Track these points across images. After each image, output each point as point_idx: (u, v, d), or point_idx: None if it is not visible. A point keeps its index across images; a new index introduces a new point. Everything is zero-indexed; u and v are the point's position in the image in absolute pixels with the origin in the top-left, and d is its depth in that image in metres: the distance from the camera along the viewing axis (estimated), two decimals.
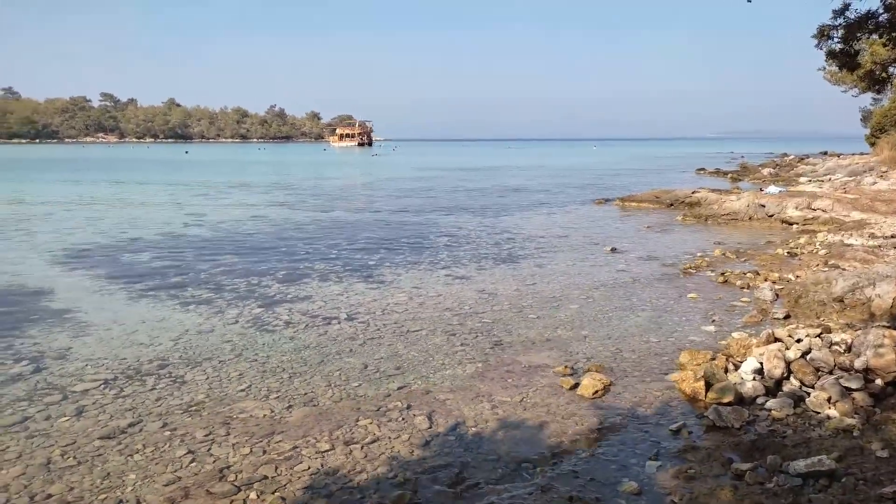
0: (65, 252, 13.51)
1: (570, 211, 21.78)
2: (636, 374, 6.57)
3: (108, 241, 15.11)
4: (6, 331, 7.96)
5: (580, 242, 14.93)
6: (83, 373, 6.56)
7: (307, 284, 10.58)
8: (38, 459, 4.82)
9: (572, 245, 14.57)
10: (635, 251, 13.69)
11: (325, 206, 23.70)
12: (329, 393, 6.11)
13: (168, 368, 6.71)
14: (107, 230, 16.88)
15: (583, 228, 17.36)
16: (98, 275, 11.29)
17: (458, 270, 11.75)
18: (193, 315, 8.75)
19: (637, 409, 5.74)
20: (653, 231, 16.69)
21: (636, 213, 20.76)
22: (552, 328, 8.17)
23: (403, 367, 6.80)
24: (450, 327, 8.20)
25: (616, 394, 6.07)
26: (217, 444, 5.10)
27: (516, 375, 6.56)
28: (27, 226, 17.71)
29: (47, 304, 9.26)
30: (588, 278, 11.07)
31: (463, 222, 18.67)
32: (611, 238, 15.48)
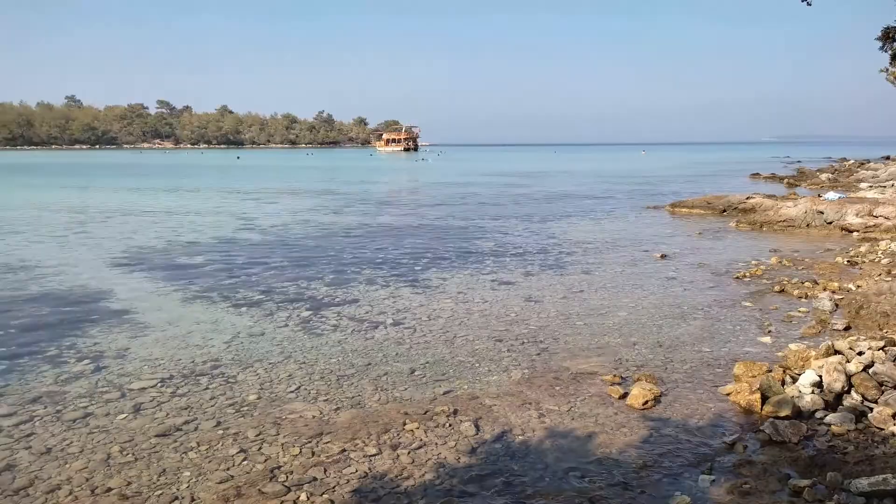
0: (124, 254, 14.03)
1: (618, 217, 21.46)
2: (688, 385, 6.42)
3: (164, 244, 15.62)
4: (69, 330, 8.31)
5: (629, 249, 14.70)
6: (141, 372, 6.79)
7: (354, 288, 10.72)
8: (99, 454, 5.01)
9: (620, 251, 14.36)
10: (686, 258, 13.40)
11: (372, 210, 23.96)
12: (376, 396, 6.17)
13: (221, 369, 6.89)
14: (163, 234, 17.46)
15: (631, 235, 17.09)
16: (155, 277, 11.68)
17: (503, 276, 11.72)
18: (245, 317, 8.96)
19: (689, 420, 5.62)
20: (705, 238, 16.31)
21: (687, 220, 20.32)
22: (600, 335, 8.07)
23: (449, 372, 6.81)
24: (496, 333, 8.19)
25: (667, 404, 5.95)
26: (268, 443, 5.21)
27: (564, 383, 6.49)
28: (89, 229, 18.46)
29: (107, 305, 9.63)
30: (637, 285, 10.88)
31: (509, 228, 18.62)
32: (660, 244, 15.20)
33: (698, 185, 37.25)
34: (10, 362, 7.06)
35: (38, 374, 6.72)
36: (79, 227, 18.93)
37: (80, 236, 16.90)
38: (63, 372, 6.77)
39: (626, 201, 27.07)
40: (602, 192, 32.17)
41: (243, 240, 16.35)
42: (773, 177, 40.97)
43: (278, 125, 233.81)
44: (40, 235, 17.00)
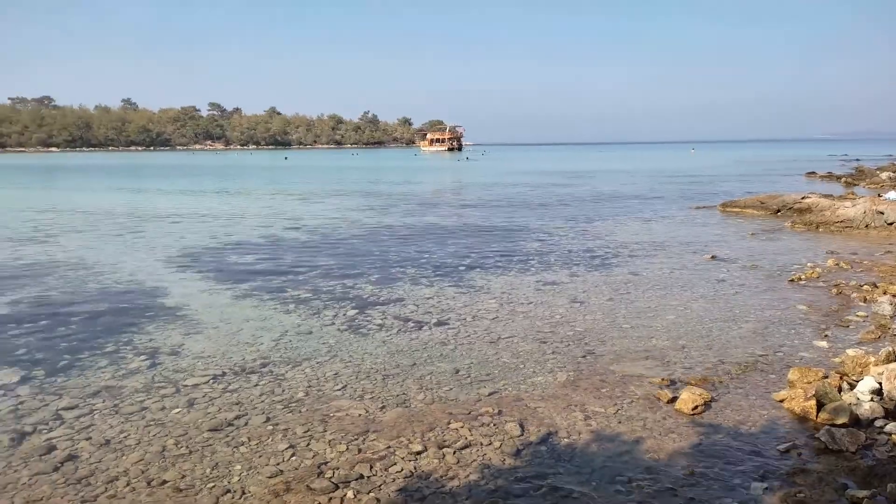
0: (177, 254, 14.47)
1: (666, 217, 21.06)
2: (740, 390, 6.27)
3: (215, 243, 16.05)
4: (126, 326, 8.63)
5: (677, 250, 14.42)
6: (194, 368, 7.01)
7: (399, 288, 10.81)
8: (154, 447, 5.19)
9: (669, 252, 14.09)
10: (738, 259, 13.07)
11: (416, 210, 24.11)
12: (421, 396, 6.22)
13: (270, 367, 7.05)
14: (215, 233, 17.94)
15: (680, 235, 16.75)
16: (207, 275, 12.02)
17: (548, 277, 11.64)
18: (293, 316, 9.14)
19: (741, 426, 5.49)
20: (758, 238, 15.86)
21: (739, 220, 19.80)
22: (648, 338, 7.94)
23: (494, 373, 6.82)
24: (541, 335, 8.15)
25: (718, 409, 5.82)
26: (315, 440, 5.31)
27: (610, 386, 6.42)
28: (144, 229, 19.11)
29: (162, 302, 9.96)
30: (686, 287, 10.67)
31: (554, 228, 18.48)
32: (711, 245, 14.85)
33: (750, 183, 36.26)
34: (71, 357, 7.38)
35: (97, 368, 7.00)
36: (135, 227, 19.61)
37: (135, 236, 17.51)
38: (121, 367, 7.04)
39: (675, 201, 26.54)
40: (650, 192, 31.62)
41: (291, 239, 16.67)
42: (830, 175, 39.56)
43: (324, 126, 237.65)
44: (99, 235, 17.69)
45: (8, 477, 4.74)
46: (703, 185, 36.52)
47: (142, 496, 4.49)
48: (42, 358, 7.33)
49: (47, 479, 4.71)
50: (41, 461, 4.97)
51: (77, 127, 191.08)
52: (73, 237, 17.18)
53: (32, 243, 16.03)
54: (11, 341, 7.95)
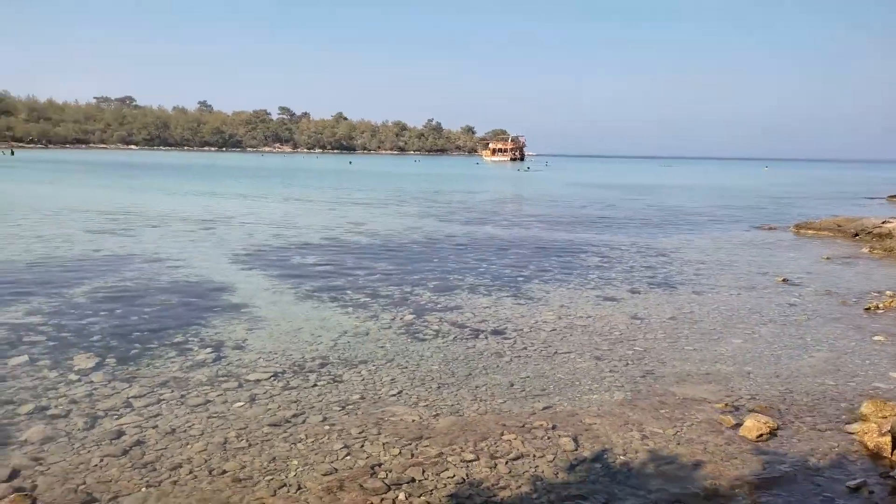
0: (244, 251, 14.98)
1: (735, 236, 20.40)
2: (808, 420, 6.02)
3: (280, 243, 16.53)
4: (194, 319, 8.99)
5: (746, 270, 13.95)
6: (256, 364, 7.24)
7: (457, 296, 10.87)
8: (217, 438, 5.39)
9: (737, 273, 13.65)
10: (811, 284, 12.53)
11: (476, 219, 24.17)
12: (475, 406, 6.23)
13: (328, 367, 7.21)
14: (280, 233, 18.48)
15: (749, 255, 16.20)
16: (271, 274, 12.40)
17: (608, 292, 11.47)
18: (351, 318, 9.32)
19: (808, 458, 5.26)
20: (833, 263, 15.18)
21: (813, 242, 18.99)
22: (711, 362, 7.72)
23: (549, 388, 6.77)
24: (598, 351, 8.04)
25: (784, 439, 5.61)
26: (370, 441, 5.40)
27: (669, 408, 6.28)
28: (215, 227, 19.86)
29: (228, 298, 10.32)
30: (754, 310, 10.31)
31: (616, 242, 18.18)
32: (782, 268, 14.30)
33: (827, 205, 34.73)
34: (142, 346, 7.75)
35: (165, 359, 7.32)
36: (206, 224, 20.40)
37: (207, 233, 18.22)
38: (188, 359, 7.34)
39: (745, 219, 25.68)
40: (719, 209, 30.70)
41: (352, 243, 16.99)
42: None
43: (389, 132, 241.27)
44: (173, 231, 18.49)
45: (81, 457, 5.02)
46: (776, 203, 35.21)
47: (203, 484, 4.67)
48: (115, 346, 7.72)
49: (116, 463, 4.96)
50: (111, 445, 5.24)
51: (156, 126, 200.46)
52: (150, 232, 18.02)
53: (111, 236, 16.90)
54: (88, 328, 8.41)
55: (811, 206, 34.31)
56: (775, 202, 36.84)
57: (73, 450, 5.13)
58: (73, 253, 14.09)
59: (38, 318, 8.83)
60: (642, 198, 38.67)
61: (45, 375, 6.69)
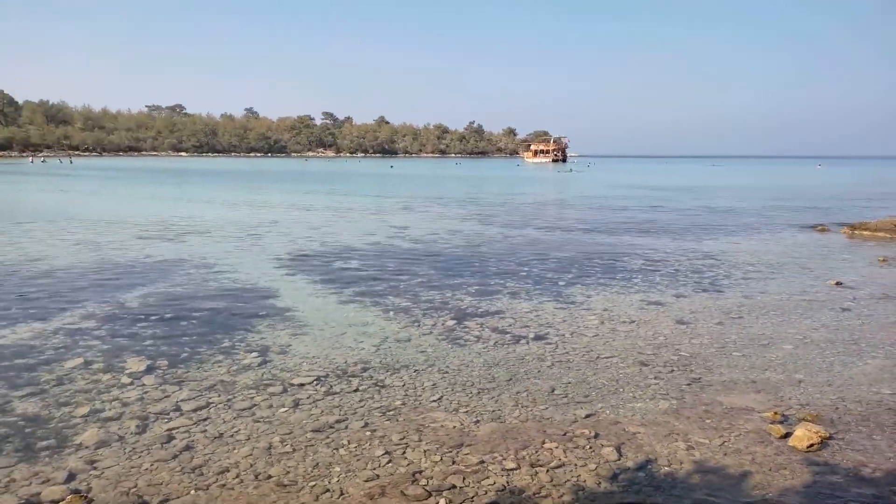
0: (289, 257, 15.26)
1: (785, 237, 19.81)
2: (862, 430, 5.81)
3: (323, 248, 16.78)
4: (241, 324, 9.20)
5: (797, 273, 13.53)
6: (300, 368, 7.37)
7: (498, 300, 10.84)
8: (262, 443, 5.50)
9: (787, 276, 13.25)
10: (866, 287, 12.08)
11: (517, 222, 24.06)
12: (516, 413, 6.21)
13: (370, 372, 7.28)
14: (323, 238, 18.76)
15: (801, 258, 15.70)
16: (314, 279, 12.59)
17: (653, 296, 11.27)
18: (393, 323, 9.39)
19: (862, 469, 5.08)
20: (890, 265, 14.59)
21: (869, 244, 18.30)
22: (760, 369, 7.51)
23: (592, 395, 6.69)
24: (643, 357, 7.91)
25: (836, 449, 5.42)
26: (411, 448, 5.43)
27: (716, 417, 6.13)
28: (260, 232, 20.29)
29: (273, 303, 10.53)
30: (806, 315, 10.00)
31: (660, 245, 17.86)
32: (835, 270, 13.82)
33: (884, 204, 33.41)
34: (191, 350, 7.97)
35: (213, 363, 7.51)
36: (252, 230, 20.86)
37: (253, 238, 18.63)
38: (235, 363, 7.52)
39: (797, 220, 24.91)
40: (769, 210, 29.86)
41: (394, 247, 17.13)
42: None
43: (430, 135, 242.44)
44: (221, 237, 18.96)
45: (133, 461, 5.20)
46: (830, 203, 34.04)
47: (249, 488, 4.78)
48: (166, 350, 7.97)
49: (165, 467, 5.11)
50: (162, 449, 5.40)
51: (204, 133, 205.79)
52: (198, 238, 18.52)
53: (162, 241, 17.44)
54: (140, 332, 8.70)
55: (866, 205, 33.06)
56: (828, 202, 35.62)
57: (125, 453, 5.31)
58: (126, 259, 14.58)
59: (92, 322, 9.17)
60: (689, 199, 37.89)
61: (98, 379, 6.94)
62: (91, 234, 19.06)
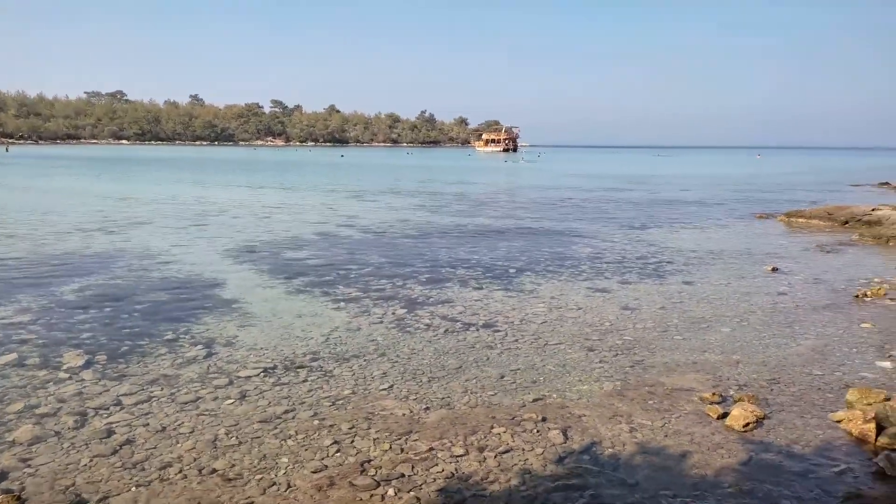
0: (235, 247, 14.93)
1: (725, 225, 20.48)
2: (794, 409, 6.07)
3: (272, 238, 16.48)
4: (185, 316, 8.97)
5: (736, 260, 14.01)
6: (247, 360, 7.24)
7: (448, 289, 10.88)
8: (207, 436, 5.39)
9: (727, 262, 13.71)
10: (800, 272, 12.60)
11: (468, 211, 24.16)
12: (465, 399, 6.25)
13: (319, 362, 7.21)
14: (271, 228, 18.43)
15: (740, 245, 16.26)
16: (262, 269, 12.37)
17: (599, 283, 11.50)
18: (343, 313, 9.32)
19: (793, 446, 5.31)
20: (823, 251, 15.26)
21: (804, 231, 19.09)
22: (700, 351, 7.76)
23: (539, 379, 6.79)
24: (589, 342, 8.07)
25: (770, 428, 5.65)
26: (360, 437, 5.41)
27: (658, 398, 6.31)
28: (206, 221, 19.78)
29: (219, 294, 10.30)
30: (743, 299, 10.37)
31: (607, 233, 18.22)
32: (772, 257, 14.37)
33: (818, 193, 34.88)
34: (132, 343, 7.73)
35: (156, 357, 7.30)
36: (197, 220, 20.31)
37: (198, 228, 18.15)
38: (178, 356, 7.33)
39: (736, 209, 25.78)
40: (710, 198, 30.78)
41: (344, 237, 16.97)
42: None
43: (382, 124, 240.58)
44: (164, 227, 18.40)
45: (70, 457, 5.02)
46: (768, 192, 35.32)
47: (193, 483, 4.67)
48: (105, 343, 7.70)
49: (105, 462, 4.95)
50: (101, 444, 5.23)
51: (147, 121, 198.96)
52: (141, 229, 17.93)
53: (101, 233, 16.82)
54: (78, 326, 8.38)
55: (802, 194, 34.45)
56: (766, 191, 36.95)
57: (62, 449, 5.13)
58: (63, 250, 14.02)
59: (27, 316, 8.79)
60: (635, 188, 38.72)
61: (34, 374, 6.67)
62: (24, 227, 18.24)
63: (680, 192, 34.90)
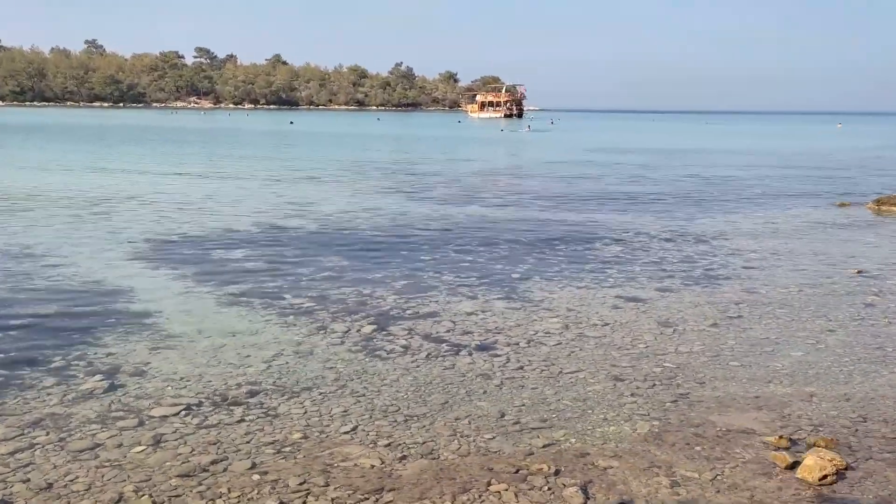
0: (148, 243, 14.87)
1: (797, 215, 20.68)
2: (887, 457, 6.14)
3: (197, 231, 16.43)
4: (79, 336, 8.91)
5: (811, 261, 14.16)
6: (163, 394, 7.20)
7: (432, 299, 10.90)
8: (108, 495, 5.35)
9: (798, 264, 13.85)
10: (894, 277, 12.75)
11: (458, 196, 24.20)
12: (454, 445, 6.26)
13: (259, 397, 7.19)
14: (197, 219, 18.37)
15: (816, 241, 16.44)
16: (184, 273, 12.32)
17: (631, 291, 11.58)
18: (292, 330, 9.31)
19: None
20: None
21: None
22: (763, 381, 7.84)
23: (552, 419, 6.82)
24: (617, 370, 8.11)
25: (855, 481, 5.71)
26: (314, 496, 5.40)
27: (708, 443, 6.36)
28: (107, 210, 19.67)
29: (125, 307, 10.24)
30: (820, 313, 10.48)
31: (642, 225, 18.34)
32: (857, 256, 14.55)
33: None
34: (8, 373, 7.66)
35: (40, 390, 7.25)
36: (96, 208, 20.19)
37: (96, 219, 18.05)
38: (70, 389, 7.28)
39: (812, 193, 26.04)
40: (777, 180, 31.07)
41: (294, 230, 16.94)
42: None
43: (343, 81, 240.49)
44: (48, 217, 18.26)
45: None
46: (852, 172, 35.69)
47: None
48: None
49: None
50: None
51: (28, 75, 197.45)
52: (16, 218, 17.79)
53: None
54: None
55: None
56: (851, 170, 37.34)
57: None
58: None
59: None
60: (677, 166, 38.97)
61: None
62: None
63: (736, 172, 35.16)
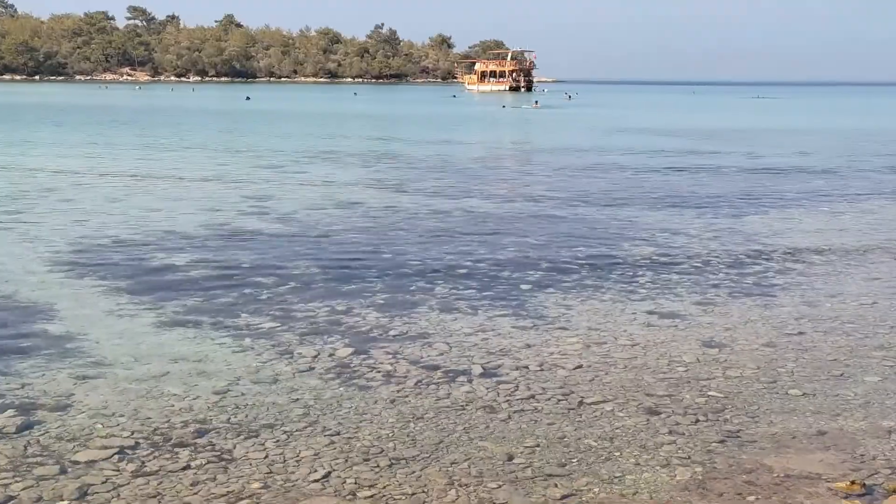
0: (72, 249, 14.81)
1: (868, 209, 20.73)
2: None
3: (131, 234, 16.37)
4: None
5: (886, 265, 14.19)
6: (90, 435, 7.15)
7: (421, 316, 10.88)
8: None
9: (872, 268, 13.90)
10: None
11: (454, 189, 24.18)
12: (451, 496, 6.23)
13: (209, 437, 7.15)
14: (131, 218, 18.32)
15: (892, 241, 16.45)
16: (115, 286, 12.27)
17: (666, 305, 11.58)
18: (249, 355, 9.28)
19: None
20: None
21: None
22: (829, 414, 7.83)
23: (572, 463, 6.79)
24: (651, 401, 8.10)
25: None
26: None
27: (763, 492, 6.34)
28: (22, 208, 19.60)
29: (44, 328, 10.20)
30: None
31: (678, 223, 18.34)
32: None
33: None
34: None
35: None
36: (7, 203, 20.10)
37: (5, 220, 17.96)
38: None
39: (885, 183, 26.09)
40: (843, 166, 31.17)
41: (251, 231, 16.90)
42: None
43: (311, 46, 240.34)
44: None
45: None
46: None
47: None
48: None
49: None
50: None
51: None
52: None
53: None
54: None
55: None
56: None
57: None
58: None
59: None
60: (722, 149, 39.00)
61: None
62: None
63: (794, 156, 35.23)
